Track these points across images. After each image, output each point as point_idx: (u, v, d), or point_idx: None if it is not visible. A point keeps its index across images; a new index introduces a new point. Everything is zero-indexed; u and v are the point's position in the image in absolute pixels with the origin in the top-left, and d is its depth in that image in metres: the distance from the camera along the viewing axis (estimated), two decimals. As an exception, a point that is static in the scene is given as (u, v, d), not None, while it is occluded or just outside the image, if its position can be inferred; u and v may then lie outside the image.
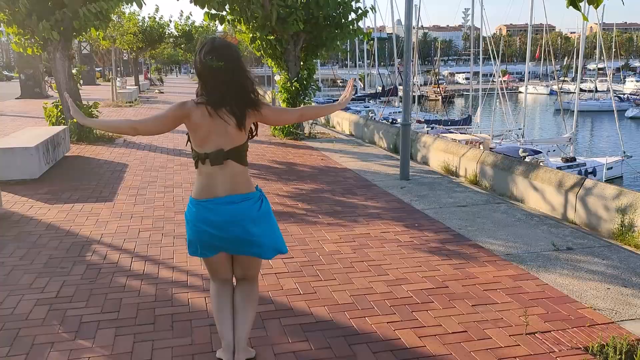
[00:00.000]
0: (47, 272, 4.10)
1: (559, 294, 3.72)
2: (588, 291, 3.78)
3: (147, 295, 3.70)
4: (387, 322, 3.31)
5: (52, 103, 10.83)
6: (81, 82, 11.36)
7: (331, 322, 3.32)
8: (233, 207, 2.60)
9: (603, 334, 3.15)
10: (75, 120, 10.32)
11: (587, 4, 2.58)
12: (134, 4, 10.23)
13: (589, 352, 2.97)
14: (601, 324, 3.31)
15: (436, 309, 3.51)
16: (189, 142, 2.70)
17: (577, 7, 2.56)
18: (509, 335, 3.16)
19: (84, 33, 10.50)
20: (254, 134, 2.78)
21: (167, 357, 2.92)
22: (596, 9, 2.74)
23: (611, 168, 21.23)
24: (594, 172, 20.17)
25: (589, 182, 5.85)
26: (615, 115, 24.40)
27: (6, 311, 3.47)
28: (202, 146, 2.61)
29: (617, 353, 2.88)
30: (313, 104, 14.64)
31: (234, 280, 2.89)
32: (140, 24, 27.69)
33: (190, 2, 10.00)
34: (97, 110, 10.91)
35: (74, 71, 10.78)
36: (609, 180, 18.52)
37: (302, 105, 11.15)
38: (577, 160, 21.11)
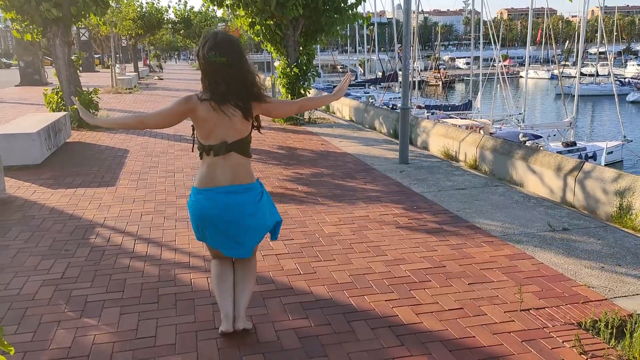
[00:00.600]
0: (51, 255, 4.18)
1: (554, 273, 3.79)
2: (583, 270, 3.85)
3: (151, 276, 3.78)
4: (385, 300, 3.39)
5: (53, 89, 10.86)
6: (80, 68, 11.35)
7: (330, 301, 3.40)
8: (233, 196, 2.72)
9: (596, 310, 3.23)
10: (74, 106, 10.35)
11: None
12: None
13: (581, 327, 3.05)
14: (595, 300, 3.38)
15: (433, 287, 3.58)
16: (193, 135, 2.80)
17: None
18: (504, 312, 3.24)
19: (83, 19, 10.49)
20: (258, 126, 2.93)
21: (171, 334, 3.01)
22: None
23: (611, 152, 21.27)
24: (594, 157, 20.22)
25: (587, 166, 5.90)
26: (616, 100, 24.36)
27: (13, 292, 3.55)
28: (207, 139, 2.71)
29: (609, 327, 2.95)
30: (312, 90, 14.64)
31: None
32: (139, 9, 27.54)
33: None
34: (97, 97, 10.93)
35: (73, 57, 10.78)
36: (609, 165, 18.55)
37: (301, 91, 11.20)
38: (577, 144, 21.15)
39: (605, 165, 15.72)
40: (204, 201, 2.73)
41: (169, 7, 33.04)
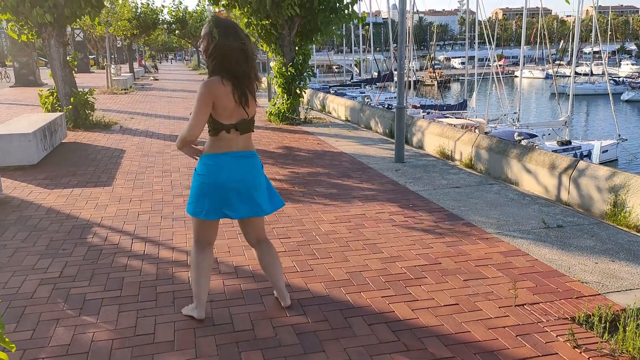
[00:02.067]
0: (49, 254, 4.20)
1: (548, 269, 3.84)
2: (576, 265, 3.90)
3: (149, 274, 3.80)
4: (382, 297, 3.43)
5: (48, 90, 10.84)
6: (75, 69, 11.34)
7: (327, 297, 3.43)
8: (247, 160, 2.97)
9: (589, 305, 3.27)
10: (69, 107, 10.34)
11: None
12: None
13: (575, 321, 3.09)
14: (588, 295, 3.43)
15: (429, 284, 3.62)
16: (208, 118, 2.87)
17: None
18: (499, 307, 3.27)
19: (78, 20, 10.48)
20: None
21: (170, 331, 3.03)
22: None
23: (606, 151, 21.39)
24: (589, 155, 20.34)
25: (582, 164, 5.96)
26: (611, 99, 24.50)
27: (11, 290, 3.56)
28: (229, 118, 2.86)
29: (602, 322, 3.00)
30: (308, 90, 14.66)
31: (253, 246, 3.26)
32: (134, 10, 27.49)
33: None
34: (92, 97, 10.93)
35: (68, 58, 10.77)
36: (604, 163, 18.67)
37: (297, 91, 11.23)
38: (572, 143, 21.25)
39: (600, 163, 15.83)
40: (224, 163, 2.88)
41: (163, 7, 32.76)
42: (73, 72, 10.83)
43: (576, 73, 29.46)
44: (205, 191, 2.89)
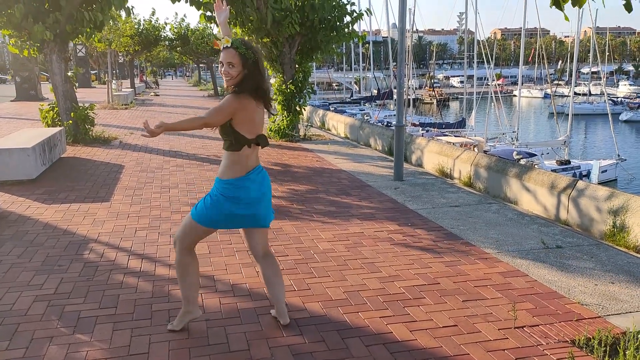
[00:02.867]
0: (45, 270, 4.16)
1: (547, 290, 3.80)
2: (576, 287, 3.86)
3: (144, 292, 3.76)
4: (380, 317, 3.39)
5: (48, 105, 10.88)
6: (76, 84, 11.39)
7: (325, 317, 3.39)
8: (264, 171, 3.14)
9: (590, 328, 3.23)
10: (70, 122, 10.37)
11: (571, 5, 2.68)
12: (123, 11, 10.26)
13: (575, 345, 3.06)
14: (588, 318, 3.39)
15: (427, 304, 3.59)
16: (231, 132, 2.94)
17: (559, 7, 2.65)
18: (498, 329, 3.24)
19: (80, 36, 10.56)
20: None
21: (164, 351, 2.99)
22: (580, 7, 2.84)
23: (605, 171, 21.43)
24: (588, 175, 20.36)
25: (581, 184, 5.95)
26: (610, 119, 24.63)
27: (5, 307, 3.52)
28: (253, 133, 2.97)
29: (602, 345, 2.96)
30: (308, 107, 14.72)
31: (257, 259, 3.29)
32: (137, 26, 27.71)
33: (186, 2, 10.08)
34: (93, 112, 10.96)
35: (69, 73, 10.82)
36: (604, 183, 18.69)
37: (297, 108, 11.28)
38: (571, 163, 21.29)
39: (599, 183, 15.85)
40: (256, 178, 3.03)
41: (166, 24, 32.96)
42: (74, 87, 10.88)
43: (575, 93, 29.63)
44: (238, 213, 3.01)
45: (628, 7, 2.52)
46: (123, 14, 11.13)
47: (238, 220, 3.05)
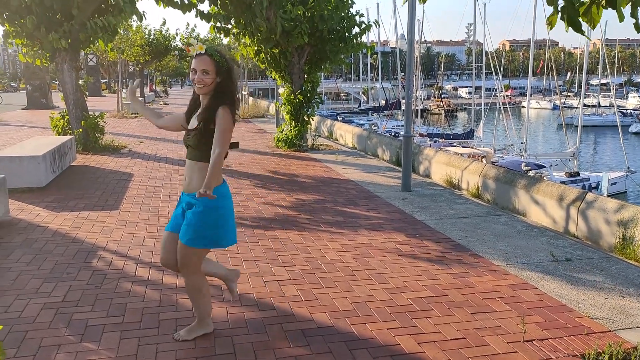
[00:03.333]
0: (53, 278, 4.18)
1: (557, 303, 3.77)
2: (586, 301, 3.83)
3: (152, 301, 3.76)
4: (387, 329, 3.37)
5: (59, 113, 10.98)
6: (87, 93, 11.50)
7: (332, 328, 3.38)
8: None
9: (600, 342, 3.20)
10: (80, 131, 10.46)
11: (584, 22, 2.67)
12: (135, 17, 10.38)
13: (585, 359, 3.02)
14: (598, 332, 3.35)
15: (436, 316, 3.56)
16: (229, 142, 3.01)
17: (578, 30, 2.63)
18: (507, 343, 3.21)
19: (91, 45, 10.67)
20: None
21: (171, 360, 2.98)
22: (593, 29, 2.83)
23: (615, 183, 21.27)
24: (597, 187, 20.22)
25: (590, 196, 5.91)
26: (620, 131, 24.48)
27: (13, 314, 3.54)
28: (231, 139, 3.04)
29: (613, 360, 2.92)
30: (316, 117, 14.76)
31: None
32: (147, 36, 27.98)
33: (196, 16, 10.18)
34: (103, 121, 11.05)
35: (80, 82, 10.93)
36: (613, 195, 18.54)
37: (305, 118, 11.31)
38: (580, 174, 21.16)
39: (608, 195, 15.71)
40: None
41: (177, 34, 33.32)
42: (85, 95, 10.98)
43: (584, 105, 29.53)
44: (231, 216, 3.07)
45: (637, 28, 2.52)
46: (135, 19, 11.25)
47: (230, 223, 3.07)
